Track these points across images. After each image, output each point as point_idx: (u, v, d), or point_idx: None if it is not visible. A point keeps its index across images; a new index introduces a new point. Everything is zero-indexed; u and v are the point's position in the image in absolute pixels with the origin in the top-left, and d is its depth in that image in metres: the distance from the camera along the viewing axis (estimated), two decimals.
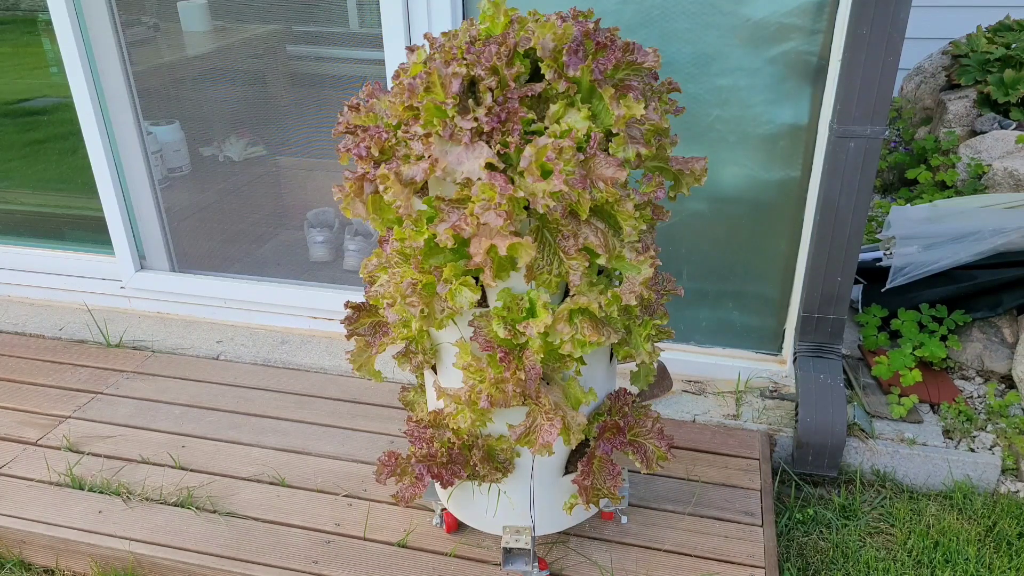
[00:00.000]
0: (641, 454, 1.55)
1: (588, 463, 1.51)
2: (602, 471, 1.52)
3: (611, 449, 1.51)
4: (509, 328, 1.30)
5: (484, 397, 1.33)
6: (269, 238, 3.00)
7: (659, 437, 1.55)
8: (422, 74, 1.27)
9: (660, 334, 1.56)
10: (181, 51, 2.73)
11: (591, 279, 1.32)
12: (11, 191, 3.01)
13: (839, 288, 2.05)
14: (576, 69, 1.21)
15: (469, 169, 1.21)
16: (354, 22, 2.49)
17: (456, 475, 1.51)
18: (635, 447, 1.55)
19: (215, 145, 2.90)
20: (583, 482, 1.51)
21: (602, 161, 1.21)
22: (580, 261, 1.25)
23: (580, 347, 1.30)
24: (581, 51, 1.23)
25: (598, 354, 1.49)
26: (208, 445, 2.13)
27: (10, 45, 2.93)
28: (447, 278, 1.28)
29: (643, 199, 1.29)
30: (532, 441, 1.39)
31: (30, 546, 1.88)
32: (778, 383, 2.29)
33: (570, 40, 1.23)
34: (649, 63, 1.29)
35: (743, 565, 1.72)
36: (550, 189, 1.18)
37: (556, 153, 1.18)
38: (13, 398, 2.34)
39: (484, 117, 1.22)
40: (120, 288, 2.73)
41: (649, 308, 1.51)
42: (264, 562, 1.75)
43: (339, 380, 2.39)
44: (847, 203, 1.95)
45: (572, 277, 1.26)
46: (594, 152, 1.21)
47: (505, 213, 1.18)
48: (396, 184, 1.26)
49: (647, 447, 1.55)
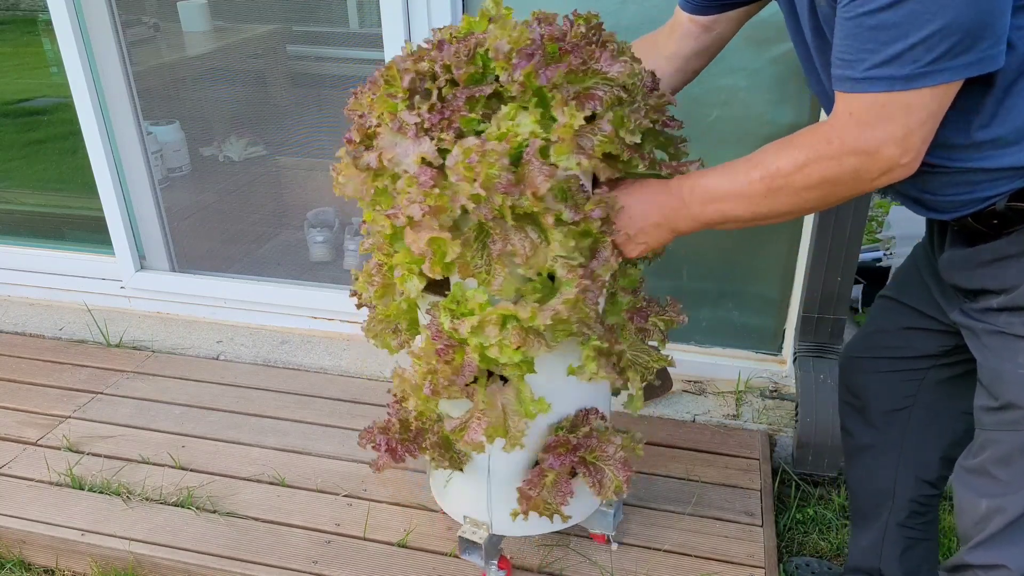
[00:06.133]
0: (596, 478, 1.47)
1: (539, 475, 1.48)
2: (554, 488, 1.47)
3: (559, 464, 1.47)
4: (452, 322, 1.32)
5: (427, 384, 1.35)
6: (269, 238, 3.01)
7: (620, 466, 1.47)
8: (382, 68, 1.32)
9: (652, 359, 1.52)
10: (181, 51, 2.73)
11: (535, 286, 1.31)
12: (11, 191, 3.01)
13: (839, 288, 2.05)
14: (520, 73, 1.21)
15: (407, 163, 1.25)
16: (354, 22, 2.50)
17: (410, 452, 1.51)
18: (590, 469, 1.48)
19: (215, 145, 2.90)
20: (527, 491, 1.47)
21: (535, 169, 1.20)
22: (501, 266, 1.26)
23: (507, 353, 1.30)
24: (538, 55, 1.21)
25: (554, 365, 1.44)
26: (208, 445, 2.13)
27: (10, 45, 2.93)
28: (399, 263, 1.32)
29: (577, 216, 1.24)
30: (460, 436, 1.40)
31: (30, 546, 1.88)
32: (778, 383, 2.29)
33: (526, 43, 1.23)
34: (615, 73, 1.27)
35: (743, 565, 1.72)
36: (470, 191, 1.19)
37: (479, 156, 1.18)
38: (13, 398, 2.34)
39: (427, 113, 1.25)
40: (120, 288, 2.73)
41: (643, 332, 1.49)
42: (264, 562, 1.75)
43: (339, 380, 2.40)
44: (847, 203, 1.95)
45: (494, 281, 1.26)
46: (530, 159, 1.21)
47: (429, 208, 1.20)
48: (351, 168, 1.32)
49: (604, 472, 1.48)
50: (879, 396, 1.50)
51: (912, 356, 1.43)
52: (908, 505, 1.53)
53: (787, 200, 1.11)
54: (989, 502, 1.17)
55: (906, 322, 1.41)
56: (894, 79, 0.95)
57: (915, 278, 1.39)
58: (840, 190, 1.07)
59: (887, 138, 0.99)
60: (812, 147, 1.06)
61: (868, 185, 1.06)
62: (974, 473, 1.20)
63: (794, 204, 1.12)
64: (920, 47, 0.92)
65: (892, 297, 1.46)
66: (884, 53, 0.94)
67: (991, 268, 1.13)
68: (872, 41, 0.95)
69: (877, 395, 1.50)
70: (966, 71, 0.95)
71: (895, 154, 1.00)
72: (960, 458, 1.25)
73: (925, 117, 0.98)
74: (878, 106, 0.98)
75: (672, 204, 1.24)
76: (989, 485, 1.17)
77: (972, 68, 0.95)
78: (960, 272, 1.20)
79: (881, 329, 1.48)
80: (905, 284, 1.43)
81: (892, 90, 0.96)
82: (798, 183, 1.08)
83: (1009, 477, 1.15)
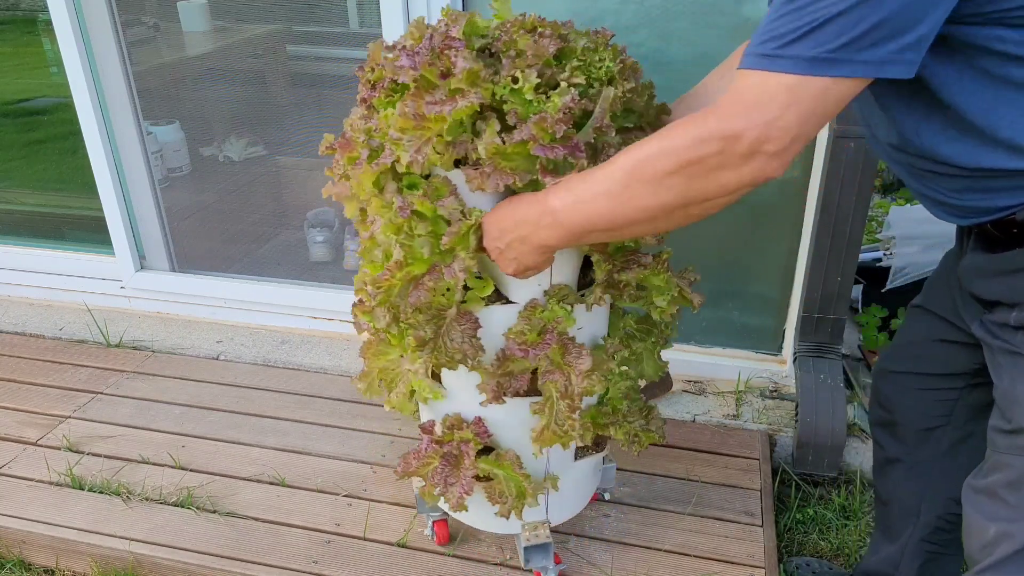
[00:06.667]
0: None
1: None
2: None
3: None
4: None
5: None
6: (269, 238, 3.01)
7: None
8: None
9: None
10: (181, 51, 2.73)
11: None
12: (11, 191, 3.01)
13: (839, 288, 2.05)
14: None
15: None
16: (354, 22, 2.49)
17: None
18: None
19: (215, 145, 2.90)
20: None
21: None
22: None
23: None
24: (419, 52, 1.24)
25: None
26: (208, 445, 2.13)
27: (10, 45, 2.93)
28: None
29: (403, 202, 1.25)
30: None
31: (30, 546, 1.88)
32: (778, 383, 2.29)
33: (420, 42, 1.23)
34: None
35: (743, 565, 1.72)
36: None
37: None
38: (13, 398, 2.34)
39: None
40: (120, 288, 2.73)
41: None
42: (264, 562, 1.75)
43: (339, 380, 2.39)
44: (847, 203, 1.95)
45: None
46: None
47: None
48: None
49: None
50: (911, 414, 1.45)
51: (944, 373, 1.38)
52: (934, 522, 1.49)
53: (645, 192, 1.02)
54: (998, 527, 1.13)
55: (936, 333, 1.36)
56: (778, 58, 0.89)
57: (943, 286, 1.34)
58: (702, 183, 0.98)
59: (760, 120, 0.91)
60: (684, 127, 0.98)
61: (732, 176, 0.97)
62: (983, 494, 1.16)
63: (653, 196, 1.02)
64: (829, 29, 0.86)
65: (921, 306, 1.41)
66: (788, 35, 0.88)
67: (1008, 279, 1.10)
68: (779, 20, 0.89)
69: (909, 413, 1.45)
70: (869, 69, 0.88)
71: (759, 136, 0.92)
72: (970, 476, 1.21)
73: (807, 111, 0.90)
74: (763, 86, 0.91)
75: (534, 214, 1.17)
76: (999, 509, 1.13)
77: (876, 68, 0.88)
78: (978, 280, 1.16)
79: (912, 340, 1.44)
80: (933, 293, 1.39)
81: (782, 71, 0.89)
82: (659, 168, 1.00)
83: (1019, 502, 1.11)
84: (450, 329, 1.32)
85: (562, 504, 1.65)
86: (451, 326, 1.32)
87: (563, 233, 1.14)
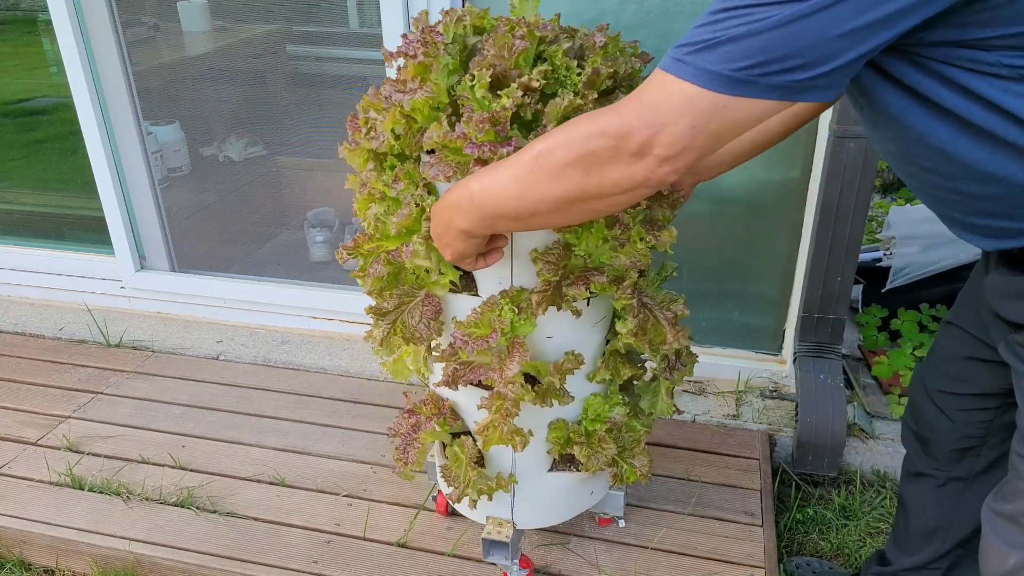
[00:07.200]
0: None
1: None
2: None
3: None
4: None
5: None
6: (269, 238, 3.01)
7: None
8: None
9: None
10: (181, 51, 2.73)
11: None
12: (11, 191, 3.01)
13: (839, 288, 2.05)
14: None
15: None
16: (354, 22, 2.49)
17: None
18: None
19: (215, 145, 2.90)
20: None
21: None
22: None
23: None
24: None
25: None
26: (208, 445, 2.13)
27: (10, 45, 2.93)
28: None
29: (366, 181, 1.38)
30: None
31: (30, 546, 1.88)
32: (778, 383, 2.29)
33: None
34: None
35: (743, 565, 1.72)
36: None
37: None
38: (13, 398, 2.34)
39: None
40: (120, 288, 2.73)
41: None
42: (264, 562, 1.75)
43: (339, 380, 2.39)
44: (847, 203, 1.95)
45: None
46: None
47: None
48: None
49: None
50: (946, 434, 1.41)
51: (978, 393, 1.34)
52: (957, 540, 1.47)
53: (545, 181, 1.00)
54: (1018, 557, 1.09)
55: (967, 351, 1.33)
56: (684, 64, 0.86)
57: (972, 303, 1.30)
58: (596, 178, 0.96)
59: (653, 122, 0.89)
60: (587, 119, 0.97)
61: (624, 173, 0.94)
62: (1004, 519, 1.12)
63: (553, 186, 1.00)
64: (738, 46, 0.83)
65: (951, 322, 1.37)
66: (700, 44, 0.86)
67: None
68: (700, 27, 0.87)
69: (944, 432, 1.42)
70: (774, 94, 0.85)
71: (648, 138, 0.89)
72: (990, 497, 1.17)
73: (701, 125, 0.88)
74: (665, 89, 0.88)
75: (457, 198, 1.15)
76: (1020, 536, 1.10)
77: (784, 93, 0.85)
78: (1002, 300, 1.10)
79: (944, 357, 1.40)
80: (963, 309, 1.35)
81: (684, 78, 0.86)
82: (559, 158, 0.98)
83: None
84: (413, 309, 1.40)
85: (533, 511, 1.63)
86: (416, 306, 1.40)
87: (477, 217, 1.13)
